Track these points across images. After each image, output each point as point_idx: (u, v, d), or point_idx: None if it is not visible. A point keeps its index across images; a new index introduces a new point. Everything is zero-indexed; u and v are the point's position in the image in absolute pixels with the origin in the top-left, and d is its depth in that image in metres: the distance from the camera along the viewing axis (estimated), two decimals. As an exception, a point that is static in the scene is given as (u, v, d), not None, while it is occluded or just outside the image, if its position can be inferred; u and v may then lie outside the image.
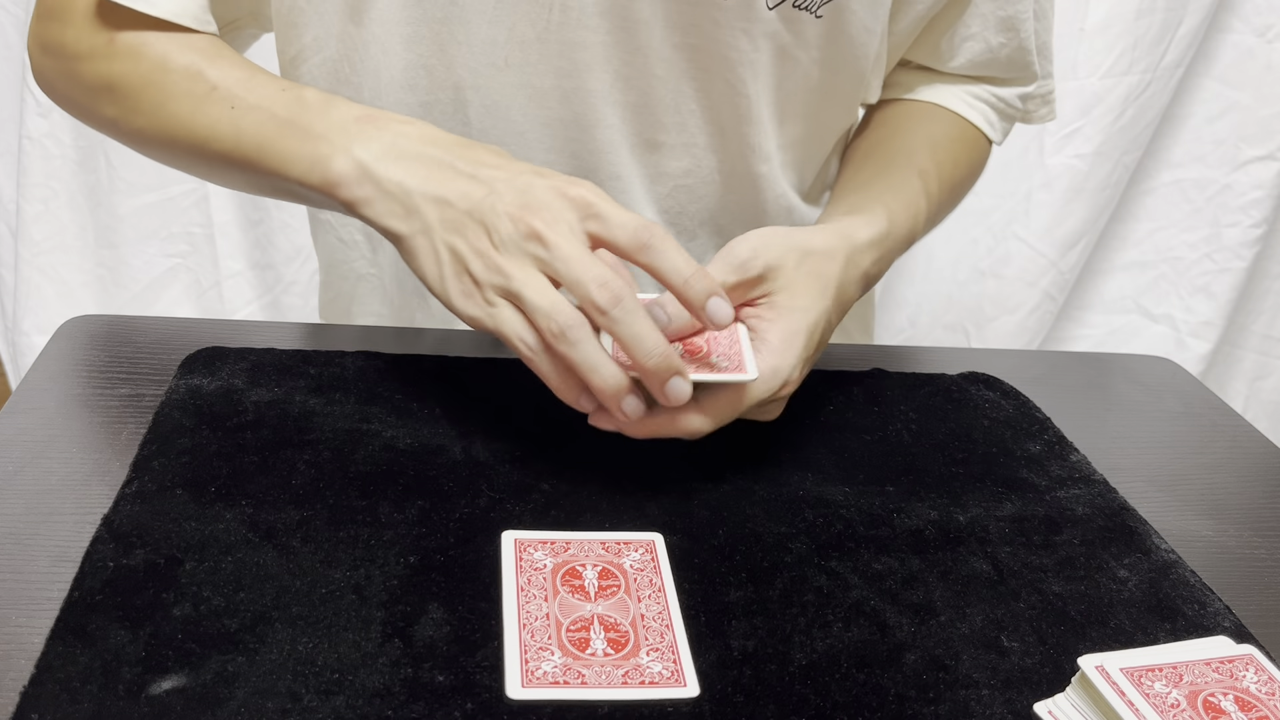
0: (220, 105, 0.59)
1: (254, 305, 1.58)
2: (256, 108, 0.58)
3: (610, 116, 0.66)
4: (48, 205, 1.50)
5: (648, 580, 0.48)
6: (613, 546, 0.50)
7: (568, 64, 0.64)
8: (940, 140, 0.76)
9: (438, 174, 0.54)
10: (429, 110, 0.67)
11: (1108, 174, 1.50)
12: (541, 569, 0.48)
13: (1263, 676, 0.43)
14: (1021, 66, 0.78)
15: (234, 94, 0.59)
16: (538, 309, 0.50)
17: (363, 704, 0.41)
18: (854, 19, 0.66)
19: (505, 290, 0.51)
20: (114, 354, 0.64)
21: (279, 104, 0.58)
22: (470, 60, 0.64)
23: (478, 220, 0.52)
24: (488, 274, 0.52)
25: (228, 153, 0.59)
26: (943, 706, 0.44)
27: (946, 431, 0.64)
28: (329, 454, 0.55)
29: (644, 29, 0.63)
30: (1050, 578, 0.52)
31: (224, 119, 0.59)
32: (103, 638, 0.42)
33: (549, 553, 0.49)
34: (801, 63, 0.67)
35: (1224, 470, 0.65)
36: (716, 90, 0.67)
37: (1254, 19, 1.45)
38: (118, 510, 0.49)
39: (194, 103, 0.60)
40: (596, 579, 0.48)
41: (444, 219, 0.53)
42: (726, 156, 0.70)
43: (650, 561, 0.49)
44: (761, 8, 0.63)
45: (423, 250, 0.54)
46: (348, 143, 0.56)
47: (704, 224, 0.73)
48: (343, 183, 0.55)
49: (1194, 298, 1.61)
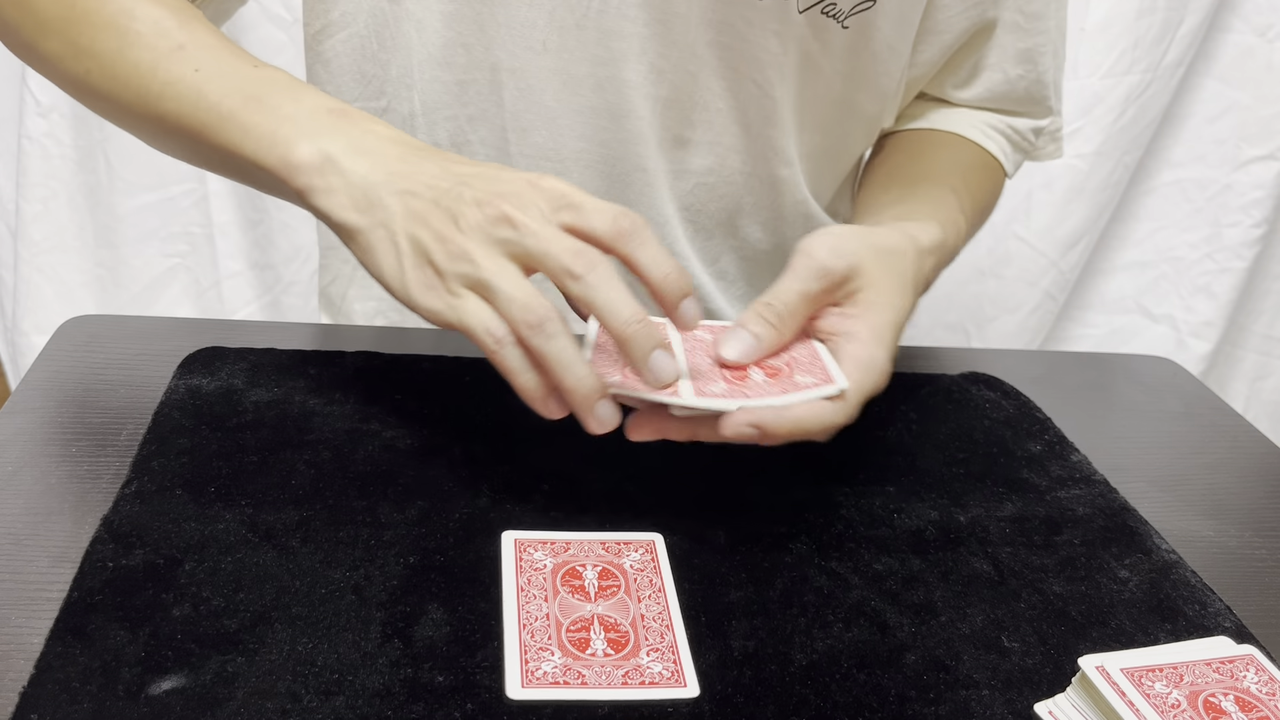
0: (184, 65, 0.55)
1: (253, 305, 1.58)
2: (222, 75, 0.54)
3: (641, 108, 0.66)
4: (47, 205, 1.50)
5: (648, 580, 0.48)
6: (613, 547, 0.50)
7: (604, 52, 0.64)
8: (967, 166, 0.76)
9: (405, 168, 0.51)
10: (464, 89, 0.66)
11: (1108, 174, 1.50)
12: (541, 569, 0.48)
13: (1263, 677, 0.43)
14: (1037, 100, 0.78)
15: (201, 58, 0.55)
16: (512, 299, 0.47)
17: (363, 704, 0.41)
18: (879, 35, 0.67)
19: (472, 280, 0.48)
20: (114, 354, 0.64)
21: (248, 78, 0.55)
22: (509, 41, 0.64)
23: (444, 208, 0.49)
24: (452, 262, 0.48)
25: (181, 115, 0.55)
26: (943, 707, 0.44)
27: (947, 431, 0.64)
28: (329, 454, 0.55)
29: (680, 23, 0.63)
30: (1051, 578, 0.52)
31: (185, 79, 0.55)
32: (102, 638, 0.42)
33: (549, 553, 0.49)
34: (825, 72, 0.68)
35: (1225, 470, 0.65)
36: (745, 90, 0.67)
37: (1254, 18, 1.45)
38: (117, 510, 0.49)
39: (156, 56, 0.55)
40: (596, 579, 0.48)
41: (407, 209, 0.49)
42: (750, 157, 0.70)
43: (650, 562, 0.49)
44: (793, 10, 0.63)
45: (380, 244, 0.50)
46: (315, 131, 0.52)
47: (722, 224, 0.73)
48: (302, 169, 0.52)
49: (1195, 298, 1.61)
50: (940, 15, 0.71)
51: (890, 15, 0.66)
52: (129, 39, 0.56)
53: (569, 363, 0.47)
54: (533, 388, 0.48)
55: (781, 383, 0.50)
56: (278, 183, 0.53)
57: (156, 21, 0.56)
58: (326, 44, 0.68)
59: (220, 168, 0.58)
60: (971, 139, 0.78)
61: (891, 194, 0.71)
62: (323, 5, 0.66)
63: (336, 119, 0.53)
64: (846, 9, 0.65)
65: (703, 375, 0.50)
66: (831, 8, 0.64)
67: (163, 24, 0.56)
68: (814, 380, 0.50)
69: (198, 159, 0.59)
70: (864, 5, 0.65)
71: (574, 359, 0.47)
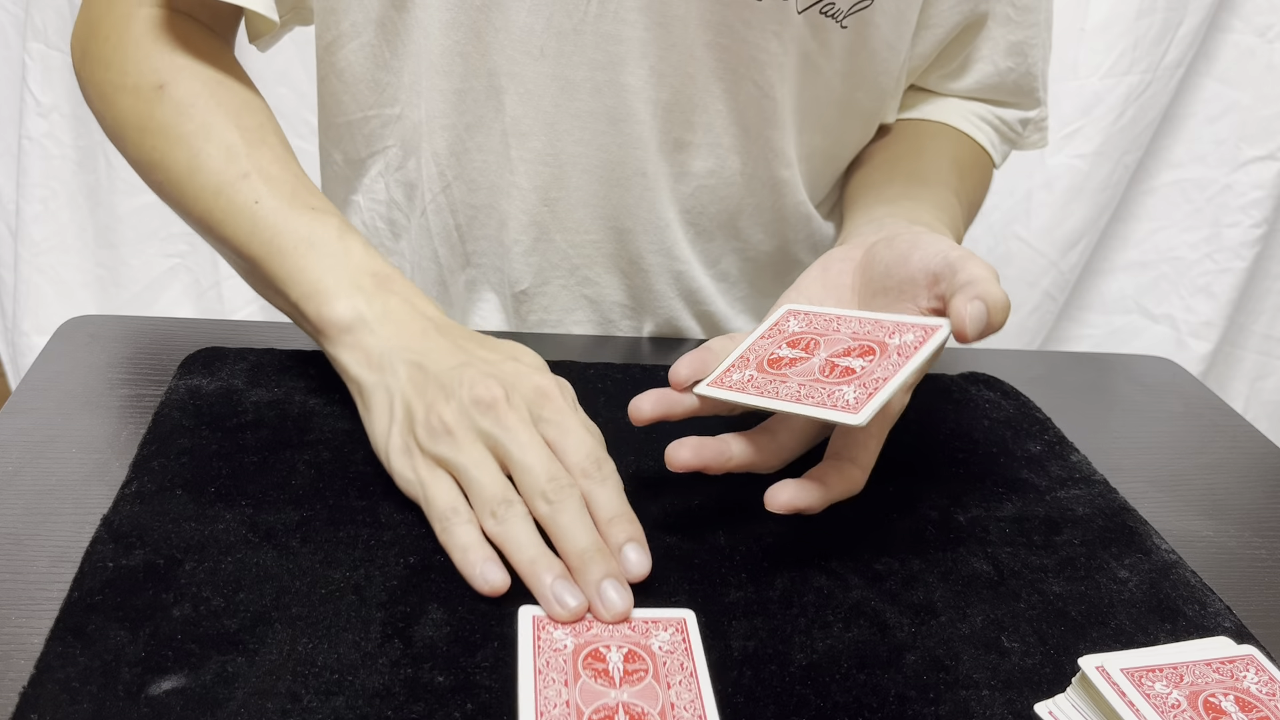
0: (246, 196, 0.58)
1: (254, 305, 1.58)
2: (278, 211, 0.58)
3: (641, 112, 0.66)
4: (47, 205, 1.50)
5: (678, 664, 0.43)
6: (640, 626, 0.45)
7: (603, 57, 0.64)
8: (964, 163, 0.76)
9: (422, 344, 0.53)
10: (462, 97, 0.67)
11: (1108, 174, 1.50)
12: (561, 650, 0.43)
13: (1263, 677, 0.43)
14: (1027, 91, 0.78)
15: (263, 190, 0.58)
16: (482, 484, 0.48)
17: (363, 704, 0.41)
18: (877, 34, 0.67)
19: (446, 462, 0.49)
20: (114, 354, 0.64)
21: (302, 221, 0.57)
22: (507, 48, 0.64)
23: (441, 384, 0.51)
24: (431, 440, 0.49)
25: (237, 242, 0.59)
26: (943, 707, 0.44)
27: (947, 431, 0.64)
28: (329, 454, 0.55)
29: (679, 26, 0.63)
30: (1051, 578, 0.52)
31: (245, 211, 0.58)
32: (102, 638, 0.42)
33: (570, 631, 0.44)
34: (825, 73, 0.68)
35: (1224, 470, 0.65)
36: (744, 92, 0.67)
37: (1254, 19, 1.45)
38: (117, 510, 0.49)
39: (220, 183, 0.59)
40: (622, 662, 0.43)
41: (410, 379, 0.52)
42: (750, 159, 0.70)
43: (682, 643, 0.44)
44: (791, 11, 0.63)
45: (380, 404, 0.53)
46: (354, 291, 0.55)
47: (723, 225, 0.73)
48: (336, 324, 0.55)
49: (1194, 298, 1.61)
50: (933, 9, 0.71)
51: (888, 13, 0.66)
52: (199, 160, 0.59)
53: (525, 543, 0.47)
54: (476, 556, 0.47)
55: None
56: (309, 326, 0.57)
57: (229, 147, 0.59)
58: (339, 55, 0.68)
59: (270, 295, 0.60)
60: (962, 130, 0.78)
61: (896, 185, 0.71)
62: (333, 17, 0.67)
63: (377, 284, 0.56)
64: (845, 8, 0.64)
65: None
66: (830, 7, 0.64)
67: (234, 149, 0.59)
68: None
69: (251, 281, 0.62)
70: (862, 4, 0.65)
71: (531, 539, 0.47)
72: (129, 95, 0.62)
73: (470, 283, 0.75)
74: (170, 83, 0.61)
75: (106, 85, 0.63)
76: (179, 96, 0.61)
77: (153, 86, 0.61)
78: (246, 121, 0.61)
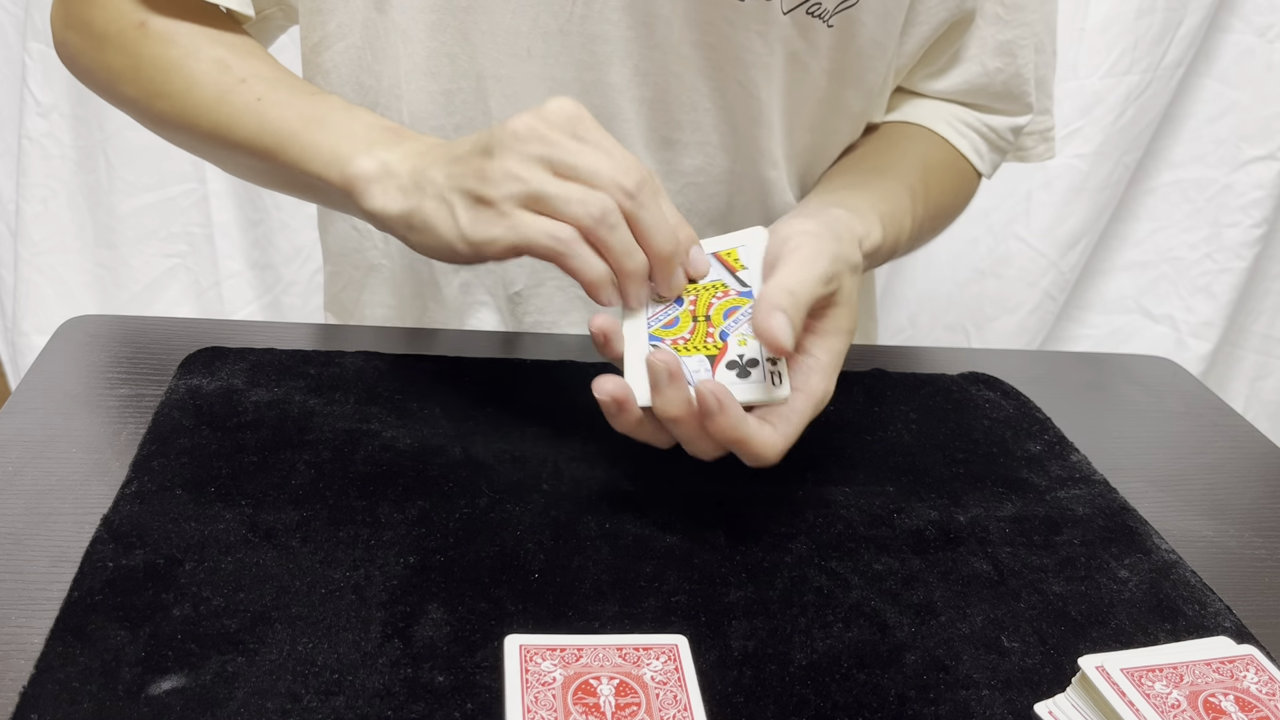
0: (247, 96, 0.60)
1: (253, 305, 1.58)
2: (281, 103, 0.59)
3: (628, 110, 0.66)
4: (47, 205, 1.50)
5: (671, 696, 0.41)
6: (630, 654, 0.43)
7: (589, 56, 0.64)
8: (932, 164, 0.75)
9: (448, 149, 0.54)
10: (450, 98, 0.67)
11: (1108, 174, 1.50)
12: (550, 683, 0.42)
13: (1263, 677, 0.43)
14: (1015, 96, 0.76)
15: (261, 89, 0.60)
16: (570, 199, 0.49)
17: (363, 704, 0.41)
18: (864, 31, 0.67)
19: (523, 196, 0.50)
20: (114, 354, 0.64)
21: (307, 104, 0.59)
22: (493, 50, 0.65)
23: (479, 150, 0.52)
24: (498, 189, 0.50)
25: (248, 141, 0.60)
26: (943, 707, 0.44)
27: (947, 431, 0.64)
28: (329, 454, 0.55)
29: (663, 25, 0.63)
30: (1050, 578, 0.52)
31: (249, 109, 0.60)
32: (102, 638, 0.42)
33: (558, 662, 0.42)
34: (812, 71, 0.68)
35: (1224, 470, 0.65)
36: (730, 91, 0.67)
37: (1254, 19, 1.45)
38: (117, 510, 0.49)
39: (220, 91, 0.61)
40: (613, 695, 0.41)
41: (449, 173, 0.52)
42: (738, 158, 0.70)
43: (674, 672, 0.43)
44: (776, 11, 0.63)
45: (434, 212, 0.53)
46: (371, 144, 0.56)
47: (712, 222, 0.73)
48: (362, 177, 0.55)
49: (1194, 298, 1.61)
50: (921, 5, 0.70)
51: (874, 11, 0.66)
52: (194, 78, 0.62)
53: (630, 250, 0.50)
54: (602, 280, 0.50)
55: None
56: (338, 194, 0.57)
57: (218, 59, 0.62)
58: (324, 55, 0.68)
59: (288, 186, 0.63)
60: (941, 134, 0.77)
61: (855, 175, 0.71)
62: (320, 18, 0.67)
63: (392, 135, 0.57)
64: (831, 7, 0.64)
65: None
66: (816, 7, 0.64)
67: (223, 60, 0.62)
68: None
69: (270, 179, 0.64)
70: (848, 3, 0.65)
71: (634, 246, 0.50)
72: (113, 43, 0.64)
73: (465, 285, 0.75)
74: (150, 19, 0.63)
75: (90, 42, 0.65)
76: (161, 28, 0.63)
77: (134, 25, 0.63)
78: (230, 39, 0.63)
